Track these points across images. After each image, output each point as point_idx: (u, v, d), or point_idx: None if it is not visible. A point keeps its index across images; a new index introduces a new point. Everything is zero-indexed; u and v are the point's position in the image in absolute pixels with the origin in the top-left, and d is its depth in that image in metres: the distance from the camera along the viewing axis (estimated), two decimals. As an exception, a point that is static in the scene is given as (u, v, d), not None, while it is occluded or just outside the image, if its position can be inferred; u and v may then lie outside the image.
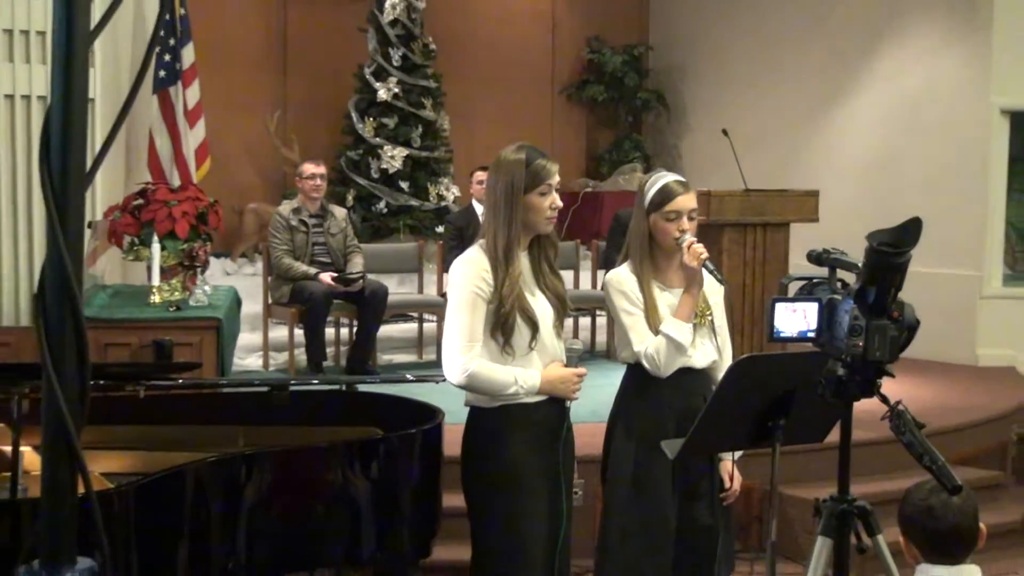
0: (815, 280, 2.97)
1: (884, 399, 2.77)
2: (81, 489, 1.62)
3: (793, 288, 3.02)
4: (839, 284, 2.89)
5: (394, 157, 10.57)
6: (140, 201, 5.94)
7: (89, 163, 1.66)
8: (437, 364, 8.59)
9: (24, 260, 6.05)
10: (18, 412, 3.26)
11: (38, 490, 3.24)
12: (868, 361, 2.72)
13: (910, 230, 2.66)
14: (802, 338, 2.90)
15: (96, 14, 1.66)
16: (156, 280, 6.07)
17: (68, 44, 1.61)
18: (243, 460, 3.60)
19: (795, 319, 2.91)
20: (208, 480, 3.44)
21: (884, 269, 2.66)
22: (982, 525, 3.45)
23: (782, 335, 2.93)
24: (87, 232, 6.09)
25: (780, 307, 2.92)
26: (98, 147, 1.81)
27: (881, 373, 2.76)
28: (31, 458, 3.50)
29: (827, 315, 2.84)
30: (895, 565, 3.10)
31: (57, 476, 1.64)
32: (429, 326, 9.02)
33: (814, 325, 2.87)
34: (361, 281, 8.01)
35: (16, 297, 6.00)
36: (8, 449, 3.64)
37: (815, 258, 2.98)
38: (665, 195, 4.11)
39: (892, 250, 2.64)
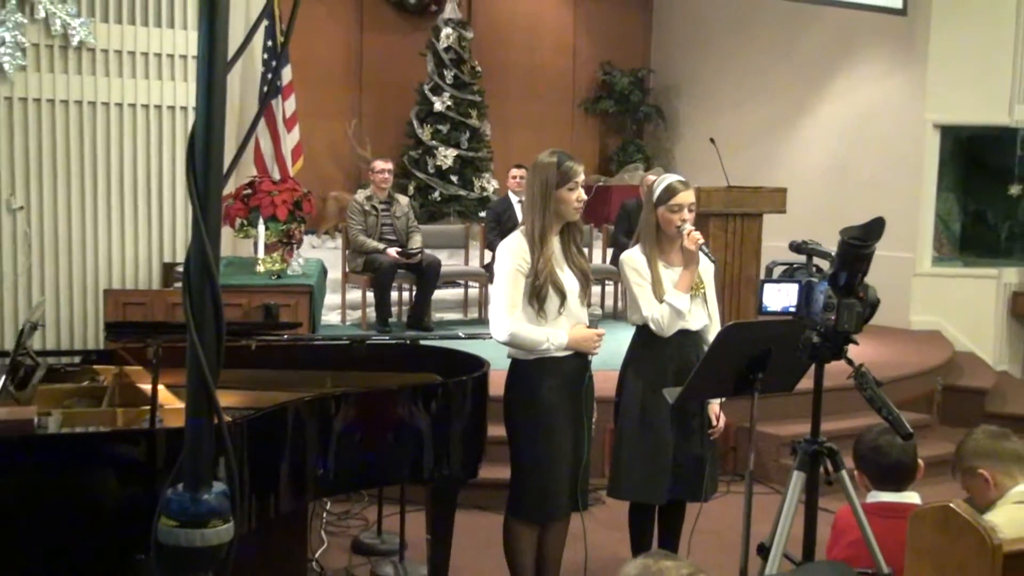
0: (795, 265, 2.95)
1: (850, 362, 2.76)
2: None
3: (777, 271, 3.01)
4: (814, 269, 2.88)
5: (446, 156, 10.59)
6: (249, 191, 5.95)
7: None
8: (479, 321, 8.67)
9: (156, 237, 6.09)
10: (156, 359, 3.26)
11: (170, 421, 3.27)
12: (838, 331, 2.71)
13: (875, 227, 2.65)
14: (785, 312, 2.90)
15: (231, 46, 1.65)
16: (261, 254, 6.09)
17: (210, 72, 1.60)
18: (332, 398, 3.62)
19: (779, 296, 2.91)
20: (305, 414, 3.46)
21: (853, 258, 2.65)
22: (920, 461, 3.44)
23: (768, 309, 2.94)
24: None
25: (768, 287, 2.93)
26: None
27: (848, 341, 2.75)
28: (164, 395, 3.50)
29: (805, 294, 2.83)
30: (855, 493, 3.08)
31: (198, 415, 1.63)
32: (472, 291, 9.07)
33: (794, 302, 2.87)
34: (419, 255, 8.03)
35: (149, 266, 6.02)
36: (148, 388, 3.65)
37: (796, 247, 2.97)
38: (670, 192, 4.14)
39: (860, 243, 2.63)
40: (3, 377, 3.46)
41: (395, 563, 4.88)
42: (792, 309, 2.86)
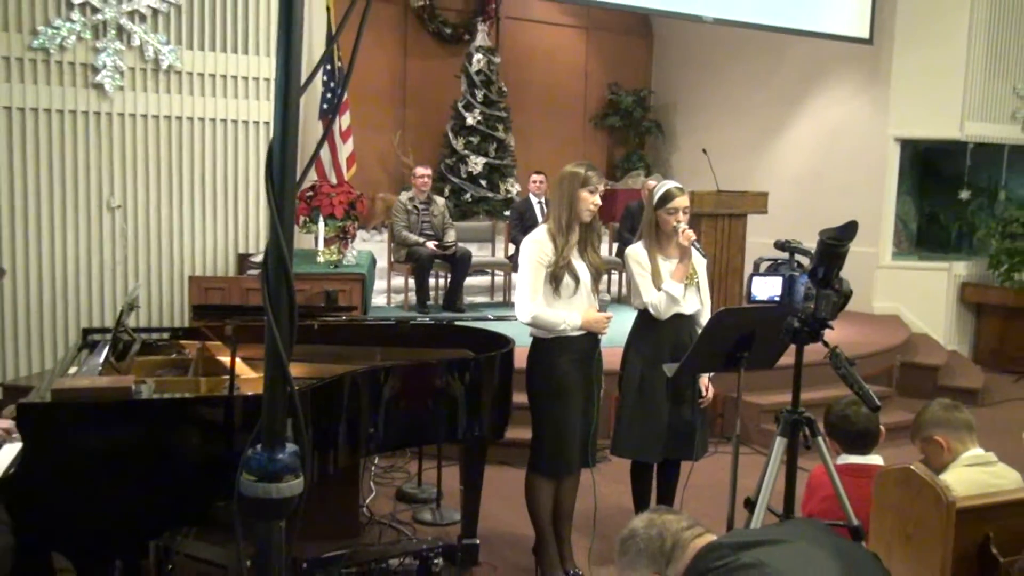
0: (779, 261, 2.93)
1: (826, 344, 2.74)
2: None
3: (763, 266, 2.99)
4: (796, 264, 2.86)
5: (476, 164, 10.57)
6: (311, 193, 5.96)
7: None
8: (504, 304, 8.68)
9: (232, 231, 6.11)
10: (233, 336, 3.27)
11: (245, 388, 3.28)
12: (816, 318, 2.69)
13: (849, 229, 2.63)
14: (770, 301, 2.88)
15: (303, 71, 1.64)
16: (321, 246, 6.10)
17: (285, 95, 1.59)
18: (382, 370, 3.62)
19: (766, 287, 2.89)
20: (360, 383, 3.46)
21: (831, 255, 2.64)
22: (882, 427, 3.43)
23: (756, 298, 2.92)
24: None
25: (756, 280, 2.91)
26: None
27: (825, 326, 2.73)
28: (240, 367, 3.51)
29: (788, 285, 2.81)
30: (829, 456, 3.07)
31: (274, 386, 1.63)
32: (498, 278, 9.07)
33: (779, 292, 2.85)
34: (453, 247, 8.03)
35: (226, 256, 6.04)
36: (226, 360, 3.67)
37: (780, 246, 2.95)
38: (667, 197, 4.12)
39: (837, 243, 2.62)
40: (106, 350, 3.50)
41: (432, 509, 4.90)
42: (776, 298, 2.85)
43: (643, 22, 12.21)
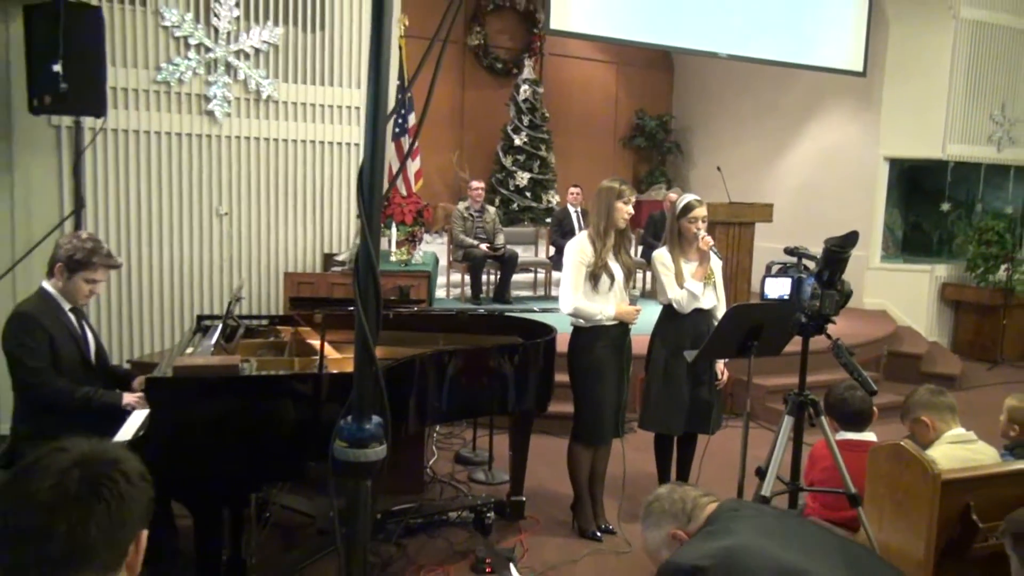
0: (787, 264, 2.89)
1: (829, 336, 2.70)
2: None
3: (774, 269, 2.95)
4: (803, 267, 2.81)
5: (522, 178, 10.55)
6: (385, 203, 5.98)
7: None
8: (545, 297, 8.64)
9: (319, 233, 6.14)
10: (323, 323, 3.30)
11: (332, 367, 3.30)
12: (821, 314, 2.65)
13: (851, 238, 2.59)
14: (780, 299, 2.83)
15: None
16: (393, 248, 6.14)
17: (375, 122, 1.59)
18: (445, 353, 3.62)
19: (777, 287, 2.85)
20: (427, 364, 3.47)
21: (834, 260, 2.60)
22: (875, 408, 3.37)
23: (768, 297, 2.87)
24: (357, 220, 6.16)
25: (768, 280, 2.87)
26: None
27: (828, 321, 2.69)
28: (327, 349, 3.53)
29: (796, 286, 2.77)
30: (831, 433, 3.02)
31: (363, 367, 1.64)
32: (540, 275, 8.99)
33: (788, 291, 2.80)
34: (503, 249, 8.02)
35: (314, 255, 6.09)
36: (316, 343, 3.71)
37: (789, 252, 2.91)
38: (688, 208, 4.08)
39: (840, 250, 2.58)
40: (217, 333, 3.55)
41: (485, 470, 4.91)
42: (786, 297, 2.81)
43: (665, 58, 12.08)
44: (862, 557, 1.83)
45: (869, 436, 3.25)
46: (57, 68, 4.37)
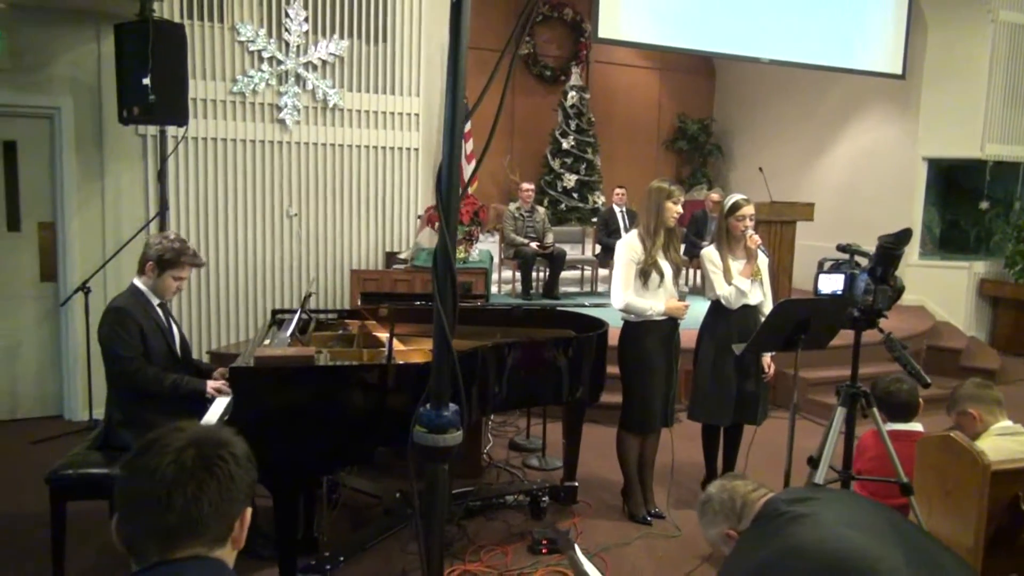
0: (839, 261, 2.83)
1: (881, 330, 2.64)
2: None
3: (827, 265, 2.89)
4: (855, 263, 2.75)
5: (570, 180, 10.51)
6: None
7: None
8: (592, 293, 8.62)
9: (381, 233, 6.22)
10: (391, 317, 3.33)
11: (399, 358, 3.32)
12: (874, 309, 2.59)
13: (904, 236, 2.53)
14: (833, 294, 2.77)
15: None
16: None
17: (452, 125, 1.61)
18: (505, 345, 3.62)
19: (830, 283, 2.80)
20: (488, 356, 3.48)
21: (888, 257, 2.54)
22: (921, 400, 3.29)
23: (821, 292, 2.82)
24: (417, 220, 6.20)
25: (822, 276, 2.82)
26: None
27: (880, 315, 2.63)
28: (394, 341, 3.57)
29: (849, 282, 2.71)
30: (881, 422, 2.96)
31: (441, 357, 1.66)
32: (587, 272, 8.96)
33: (840, 287, 2.75)
34: (552, 247, 8.00)
35: (377, 253, 6.15)
36: (383, 335, 3.75)
37: (842, 248, 2.85)
38: (736, 207, 4.03)
39: (893, 247, 2.51)
40: (292, 326, 3.61)
41: (539, 456, 4.91)
42: (839, 292, 2.75)
43: (707, 64, 11.92)
44: (913, 534, 1.79)
45: (916, 427, 3.17)
46: (146, 81, 4.49)
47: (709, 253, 4.07)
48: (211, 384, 3.35)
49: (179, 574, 1.20)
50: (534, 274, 8.20)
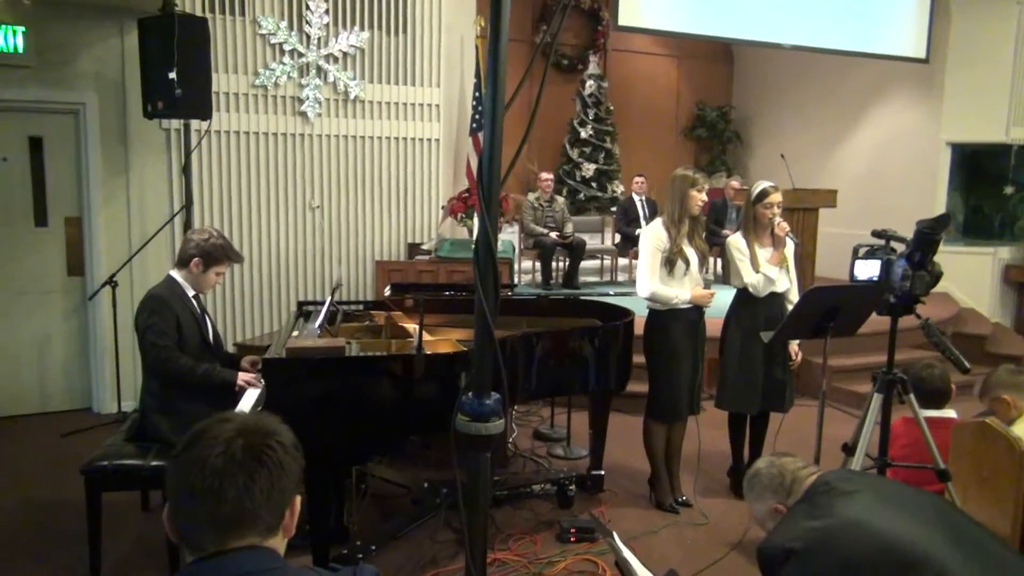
0: (874, 247, 2.80)
1: (918, 316, 2.61)
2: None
3: (862, 251, 2.86)
4: (891, 249, 2.72)
5: (588, 169, 10.48)
6: (467, 194, 6.02)
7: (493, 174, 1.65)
8: (611, 282, 8.60)
9: (404, 224, 6.22)
10: (421, 307, 3.34)
11: (426, 349, 3.32)
12: (912, 294, 2.56)
13: (943, 221, 2.50)
14: (869, 280, 2.75)
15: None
16: (475, 236, 6.14)
17: (493, 116, 1.61)
18: (532, 335, 3.63)
19: (866, 269, 2.77)
20: (516, 345, 3.49)
21: (926, 242, 2.50)
22: (952, 386, 3.26)
23: (857, 278, 2.79)
24: (440, 211, 6.20)
25: (857, 263, 2.79)
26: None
27: (918, 301, 2.60)
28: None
29: (886, 268, 2.68)
30: (917, 409, 2.93)
31: (483, 347, 1.66)
32: (606, 261, 8.95)
33: (876, 273, 2.72)
34: (571, 237, 7.98)
35: (399, 245, 6.16)
36: (409, 326, 3.77)
37: (877, 234, 2.81)
38: (763, 194, 3.99)
39: (931, 231, 2.48)
40: (321, 317, 3.63)
41: (563, 446, 4.92)
42: (875, 279, 2.72)
43: (725, 50, 11.82)
44: (962, 524, 1.78)
45: (949, 413, 3.15)
46: (172, 75, 4.51)
47: (736, 240, 4.04)
48: (242, 376, 3.38)
49: (236, 564, 1.21)
50: (554, 264, 8.18)
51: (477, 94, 6.38)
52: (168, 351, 3.27)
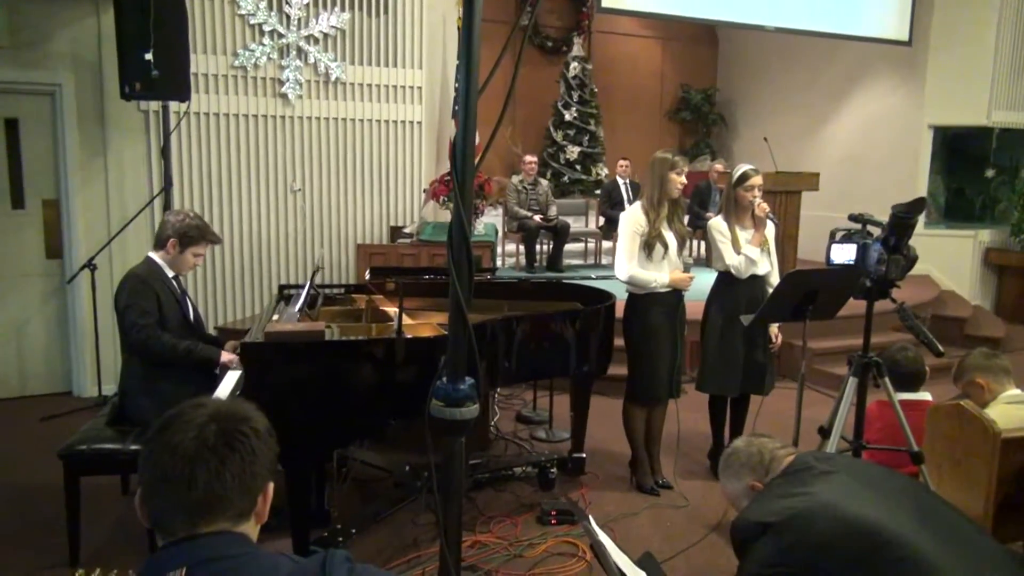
0: (851, 231, 2.81)
1: (893, 300, 2.64)
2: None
3: (839, 235, 2.87)
4: (867, 233, 2.74)
5: (573, 152, 10.45)
6: (448, 177, 5.98)
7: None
8: (596, 265, 8.61)
9: (385, 207, 6.18)
10: (400, 291, 3.33)
11: (406, 332, 3.31)
12: (887, 279, 2.58)
13: (918, 205, 2.51)
14: (846, 264, 2.76)
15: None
16: (454, 220, 6.13)
17: (467, 99, 1.59)
18: (513, 319, 3.61)
19: (843, 253, 2.78)
20: (497, 329, 3.48)
21: (901, 226, 2.52)
22: (927, 369, 3.30)
23: (834, 262, 2.81)
24: (422, 194, 6.18)
25: (834, 247, 2.81)
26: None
27: (893, 285, 2.62)
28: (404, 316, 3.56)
29: (862, 252, 2.69)
30: (892, 392, 2.96)
31: (457, 331, 1.66)
32: (590, 244, 8.95)
33: (853, 256, 2.73)
34: (555, 220, 7.98)
35: (382, 228, 6.13)
36: (389, 310, 3.75)
37: (854, 218, 2.83)
38: (745, 177, 4.01)
39: (906, 216, 2.49)
40: (301, 301, 3.61)
41: (545, 429, 4.94)
42: (851, 262, 2.74)
43: (710, 32, 11.80)
44: (935, 506, 1.80)
45: (924, 396, 3.19)
46: (148, 56, 4.45)
47: (717, 223, 4.06)
48: (225, 354, 3.37)
49: (205, 548, 1.21)
50: (538, 247, 8.18)
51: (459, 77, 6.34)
52: (149, 329, 3.26)
